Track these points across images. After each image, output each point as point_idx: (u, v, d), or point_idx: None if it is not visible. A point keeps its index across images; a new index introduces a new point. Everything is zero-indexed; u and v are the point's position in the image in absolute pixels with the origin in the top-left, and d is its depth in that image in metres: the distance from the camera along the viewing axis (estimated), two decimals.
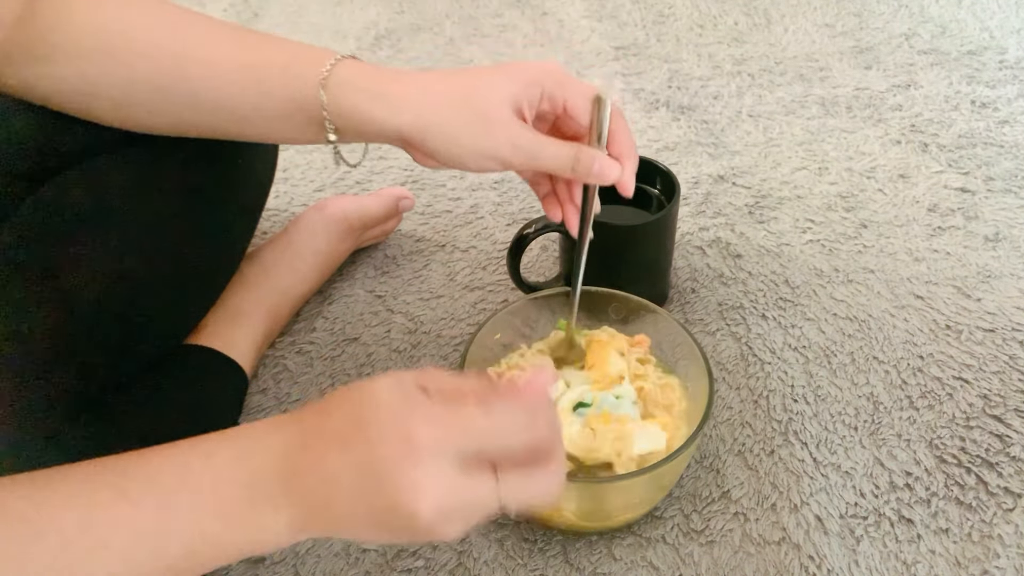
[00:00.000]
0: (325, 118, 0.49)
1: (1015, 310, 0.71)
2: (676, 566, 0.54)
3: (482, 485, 0.36)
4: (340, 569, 0.55)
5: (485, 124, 0.48)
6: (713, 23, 1.19)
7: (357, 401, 0.37)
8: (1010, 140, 0.92)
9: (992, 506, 0.57)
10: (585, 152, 0.49)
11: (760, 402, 0.65)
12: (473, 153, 0.49)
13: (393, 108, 0.48)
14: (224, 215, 0.63)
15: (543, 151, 0.49)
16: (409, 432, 0.35)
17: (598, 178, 0.50)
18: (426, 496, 0.34)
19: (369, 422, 0.36)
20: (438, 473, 0.34)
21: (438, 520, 0.35)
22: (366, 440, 0.35)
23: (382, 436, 0.35)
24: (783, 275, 0.76)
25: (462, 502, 0.35)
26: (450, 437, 0.35)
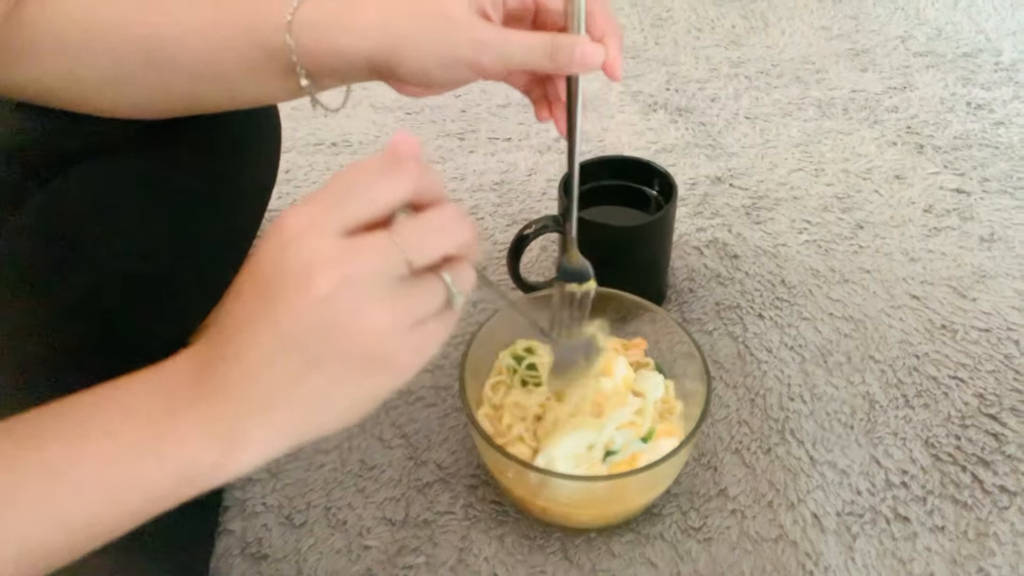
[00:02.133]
0: (294, 63, 0.48)
1: (1010, 310, 0.72)
2: (674, 563, 0.55)
3: (373, 243, 0.32)
4: (342, 566, 0.55)
5: (443, 27, 0.45)
6: (711, 26, 1.20)
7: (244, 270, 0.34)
8: (1005, 141, 0.93)
9: (988, 504, 0.58)
10: (562, 38, 0.45)
11: (757, 401, 0.65)
12: (437, 61, 0.46)
13: (357, 36, 0.47)
14: (227, 216, 0.63)
15: (511, 44, 0.45)
16: (285, 226, 0.32)
17: (581, 65, 0.45)
18: (314, 268, 0.31)
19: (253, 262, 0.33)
20: (319, 243, 0.31)
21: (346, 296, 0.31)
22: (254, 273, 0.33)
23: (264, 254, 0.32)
24: (780, 275, 0.76)
25: (360, 264, 0.32)
26: (321, 210, 0.32)
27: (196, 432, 0.32)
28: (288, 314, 0.31)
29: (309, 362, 0.32)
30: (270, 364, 0.32)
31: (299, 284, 0.31)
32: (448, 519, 0.58)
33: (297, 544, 0.57)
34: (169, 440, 0.32)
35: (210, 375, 0.33)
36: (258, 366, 0.32)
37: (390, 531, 0.57)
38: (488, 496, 0.59)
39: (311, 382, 0.32)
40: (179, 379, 0.34)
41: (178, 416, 0.33)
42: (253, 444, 0.33)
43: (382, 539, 0.57)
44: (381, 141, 0.97)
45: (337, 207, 0.32)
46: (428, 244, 0.34)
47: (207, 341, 0.34)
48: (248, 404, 0.33)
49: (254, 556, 0.56)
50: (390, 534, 0.57)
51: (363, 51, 0.47)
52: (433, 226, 0.34)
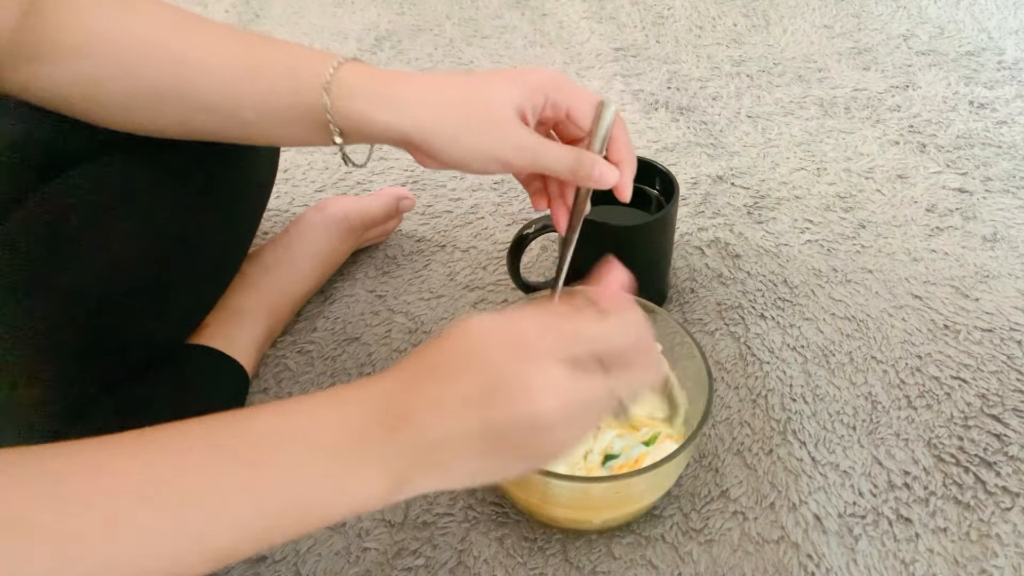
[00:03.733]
0: (329, 121, 0.49)
1: (1013, 310, 0.72)
2: (675, 565, 0.55)
3: (596, 381, 0.37)
4: (341, 568, 0.55)
5: (489, 126, 0.49)
6: (712, 24, 1.19)
7: (455, 335, 0.37)
8: (1008, 140, 0.93)
9: (990, 505, 0.57)
10: (586, 156, 0.50)
11: (759, 401, 0.65)
12: (476, 154, 0.49)
13: (397, 111, 0.49)
14: (226, 215, 0.63)
15: (545, 154, 0.50)
16: (523, 339, 0.36)
17: (597, 182, 0.51)
18: (548, 394, 0.35)
19: (476, 344, 0.36)
20: (557, 373, 0.35)
21: (561, 420, 0.35)
22: (478, 359, 0.36)
23: (494, 347, 0.36)
24: (782, 275, 0.76)
25: (581, 399, 0.36)
26: (563, 340, 0.36)
27: (378, 475, 0.36)
28: (505, 414, 0.35)
29: (499, 451, 0.36)
30: (467, 443, 0.36)
31: (530, 397, 0.35)
32: (447, 521, 0.58)
33: (296, 545, 0.56)
34: (352, 478, 0.35)
35: (405, 427, 0.36)
36: (456, 441, 0.36)
37: (389, 533, 0.57)
38: (487, 498, 0.59)
39: (490, 462, 0.37)
40: (370, 418, 0.36)
41: (366, 459, 0.36)
42: (416, 488, 0.37)
43: (381, 541, 0.57)
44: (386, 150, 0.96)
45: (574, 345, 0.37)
46: (633, 389, 0.39)
47: (400, 386, 0.37)
48: (431, 464, 0.36)
49: (252, 558, 0.56)
50: (389, 536, 0.57)
51: (400, 127, 0.49)
52: (642, 376, 0.39)
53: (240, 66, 0.50)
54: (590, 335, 0.38)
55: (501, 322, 0.37)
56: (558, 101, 0.51)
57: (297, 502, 0.35)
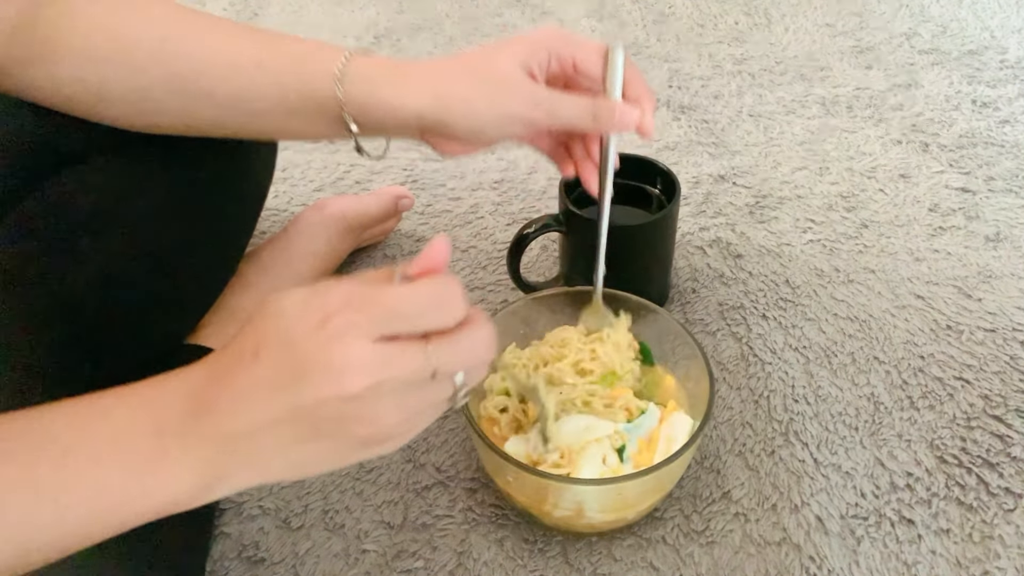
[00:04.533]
0: (344, 112, 0.49)
1: (1016, 310, 0.71)
2: (676, 567, 0.54)
3: (409, 353, 0.34)
4: (339, 570, 0.55)
5: (500, 87, 0.49)
6: (713, 23, 1.19)
7: (263, 316, 0.35)
8: (1011, 140, 0.92)
9: (993, 506, 0.57)
10: (604, 101, 0.50)
11: (761, 402, 0.65)
12: (493, 119, 0.49)
13: (410, 93, 0.49)
14: (223, 215, 0.63)
15: (562, 104, 0.49)
16: (325, 314, 0.33)
17: (620, 125, 0.50)
18: (352, 372, 0.32)
19: (276, 325, 0.34)
20: (361, 347, 0.33)
21: (374, 398, 0.33)
22: (277, 340, 0.33)
23: (295, 325, 0.33)
24: (784, 275, 0.76)
25: (393, 375, 0.33)
26: (370, 315, 0.34)
27: (182, 469, 0.34)
28: (312, 398, 0.33)
29: (313, 437, 0.34)
30: (276, 431, 0.34)
31: (331, 378, 0.33)
32: (447, 522, 0.57)
33: (294, 547, 0.56)
34: (156, 475, 0.34)
35: (207, 417, 0.34)
36: (263, 429, 0.34)
37: (388, 534, 0.57)
38: (487, 499, 0.58)
39: (308, 450, 0.34)
40: (171, 409, 0.35)
41: (166, 452, 0.34)
42: (229, 485, 0.35)
43: (380, 543, 0.56)
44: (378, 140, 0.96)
45: (382, 320, 0.34)
46: (455, 360, 0.36)
47: (206, 376, 0.35)
48: (236, 456, 0.34)
49: (251, 560, 0.55)
50: (388, 537, 0.57)
51: (416, 107, 0.49)
52: (464, 347, 0.36)
53: (249, 60, 0.49)
54: (398, 307, 0.34)
55: (305, 298, 0.34)
56: (563, 54, 0.50)
57: (96, 503, 0.33)
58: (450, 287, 0.36)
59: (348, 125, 0.50)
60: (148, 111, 0.51)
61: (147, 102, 0.51)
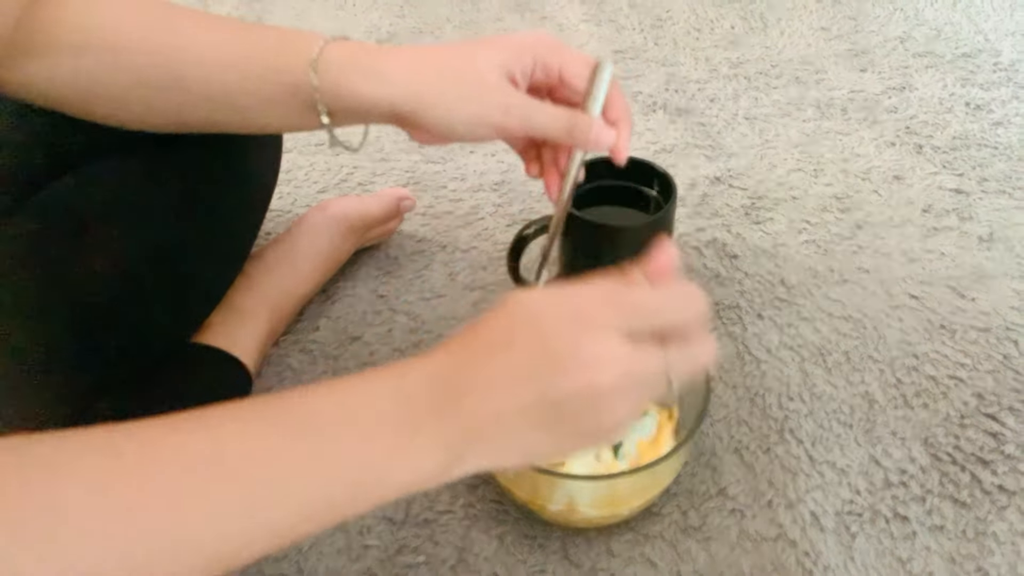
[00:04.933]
0: (317, 100, 0.49)
1: (1009, 310, 0.72)
2: (674, 562, 0.55)
3: (652, 355, 0.36)
4: (342, 565, 0.55)
5: (476, 89, 0.48)
6: (710, 27, 1.20)
7: (508, 308, 0.37)
8: (1004, 142, 0.93)
9: (987, 504, 0.58)
10: (582, 117, 0.49)
11: (756, 400, 0.65)
12: (465, 120, 0.48)
13: (384, 83, 0.48)
14: (228, 216, 0.63)
15: (537, 114, 0.48)
16: (579, 309, 0.35)
17: (595, 144, 0.49)
18: (605, 365, 0.34)
19: (529, 316, 0.36)
20: (615, 344, 0.35)
21: (618, 392, 0.35)
22: (531, 330, 0.35)
23: (548, 319, 0.35)
24: (779, 275, 0.77)
25: (638, 371, 0.35)
26: (621, 311, 0.36)
27: (429, 451, 0.35)
28: (565, 388, 0.34)
29: (551, 426, 0.35)
30: (524, 417, 0.35)
31: (586, 368, 0.34)
32: (448, 518, 0.58)
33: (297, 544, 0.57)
34: (407, 453, 0.35)
35: (460, 400, 0.35)
36: (513, 415, 0.35)
37: (390, 530, 0.57)
38: (488, 495, 0.59)
39: (542, 438, 0.35)
40: (421, 392, 0.35)
41: (421, 432, 0.35)
42: (469, 466, 0.36)
43: (382, 538, 0.57)
44: (381, 141, 0.97)
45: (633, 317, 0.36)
46: (687, 367, 0.37)
47: (453, 363, 0.36)
48: (485, 439, 0.35)
49: None
50: (390, 533, 0.57)
51: (387, 98, 0.48)
52: (696, 352, 0.38)
53: (231, 52, 0.50)
54: (649, 307, 0.37)
55: (555, 295, 0.36)
56: (549, 62, 0.50)
57: (355, 477, 0.34)
58: (695, 290, 0.38)
59: (320, 115, 0.49)
60: (137, 108, 0.52)
61: (135, 98, 0.51)
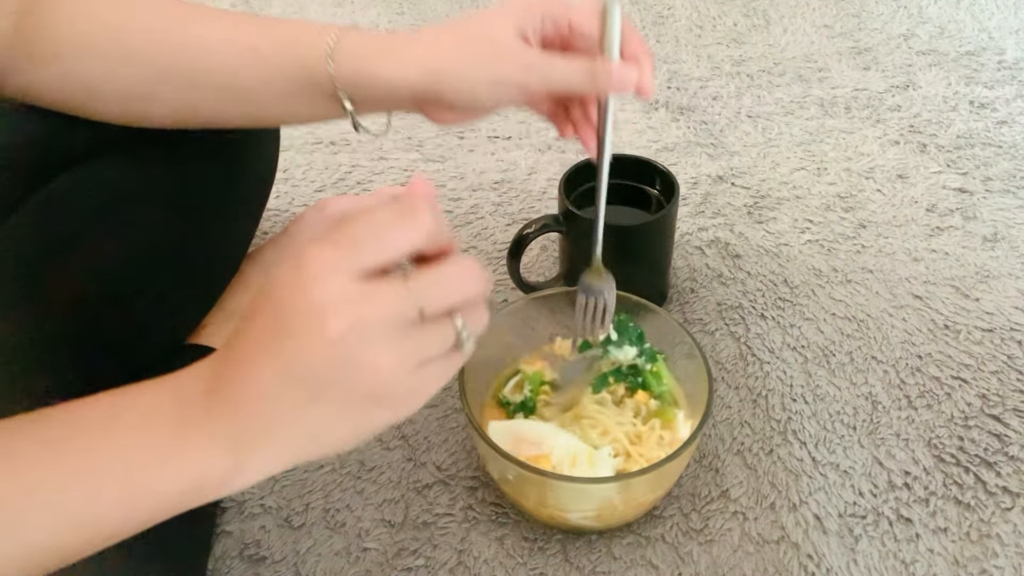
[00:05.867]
0: (337, 88, 0.49)
1: (1013, 310, 0.72)
2: (675, 565, 0.55)
3: (387, 289, 0.33)
4: (341, 568, 0.55)
5: (492, 51, 0.48)
6: (712, 24, 1.19)
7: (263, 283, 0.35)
8: (1008, 140, 0.93)
9: (990, 505, 0.57)
10: (601, 63, 0.48)
11: (759, 401, 0.65)
12: (487, 86, 0.48)
13: (401, 67, 0.48)
14: (225, 215, 0.63)
15: (556, 68, 0.48)
16: (303, 261, 0.32)
17: (618, 86, 0.48)
18: (330, 312, 0.31)
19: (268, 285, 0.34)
20: (336, 284, 0.32)
21: (356, 338, 0.32)
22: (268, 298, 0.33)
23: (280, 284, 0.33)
24: (782, 275, 0.76)
25: (373, 310, 0.32)
26: (343, 249, 0.32)
27: (205, 445, 0.33)
28: (298, 350, 0.32)
29: (313, 396, 0.33)
30: (275, 394, 0.33)
31: (312, 323, 0.32)
32: (447, 521, 0.57)
33: (295, 546, 0.56)
34: (181, 451, 0.33)
35: (220, 393, 0.34)
36: (263, 394, 0.33)
37: (389, 533, 0.57)
38: (488, 498, 0.59)
39: (313, 413, 0.33)
40: (193, 391, 0.34)
41: (190, 428, 0.33)
42: (255, 463, 0.34)
43: (381, 541, 0.56)
44: (380, 140, 0.96)
45: (353, 252, 0.33)
46: (442, 294, 0.34)
47: (221, 356, 0.35)
48: (252, 427, 0.33)
49: (252, 558, 0.56)
50: (389, 536, 0.57)
51: (407, 79, 0.48)
52: (447, 277, 0.34)
53: (242, 43, 0.49)
54: (373, 234, 0.33)
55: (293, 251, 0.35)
56: (556, 16, 0.49)
57: (126, 486, 0.33)
58: (414, 202, 0.34)
59: (343, 103, 0.49)
60: (141, 103, 0.51)
61: (140, 94, 0.51)
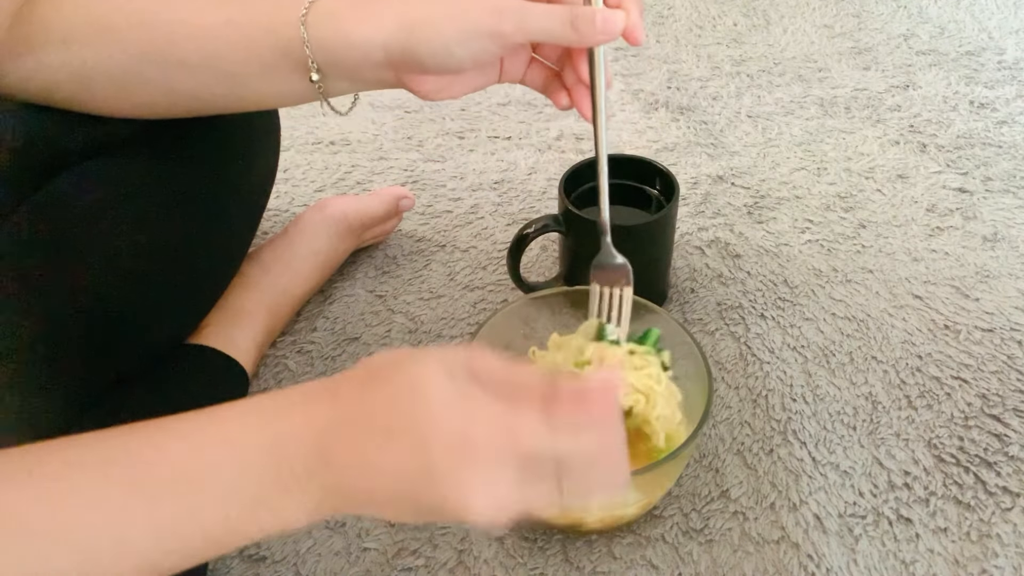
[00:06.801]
0: (308, 57, 0.48)
1: (1013, 310, 0.72)
2: (675, 565, 0.55)
3: (542, 493, 0.34)
4: (340, 568, 0.55)
5: (463, 2, 0.46)
6: (712, 24, 1.19)
7: (404, 386, 0.34)
8: (1008, 140, 0.93)
9: (991, 505, 0.57)
10: (582, 8, 0.45)
11: (759, 401, 0.65)
12: (458, 36, 0.45)
13: (373, 24, 0.47)
14: (225, 215, 0.63)
15: (532, 10, 0.45)
16: (467, 433, 0.33)
17: (603, 33, 0.45)
18: (482, 501, 0.33)
19: (420, 415, 0.33)
20: (498, 480, 0.33)
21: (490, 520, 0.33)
22: (417, 435, 0.33)
23: (436, 433, 0.33)
24: (782, 275, 0.76)
25: (511, 511, 0.34)
26: (511, 444, 0.33)
27: (298, 507, 0.34)
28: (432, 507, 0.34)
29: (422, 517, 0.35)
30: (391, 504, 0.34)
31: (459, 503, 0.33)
32: None
33: (295, 546, 0.56)
34: (273, 513, 0.34)
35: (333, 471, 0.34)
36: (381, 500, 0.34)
37: (389, 533, 0.57)
38: None
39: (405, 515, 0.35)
40: (297, 451, 0.34)
41: (289, 495, 0.34)
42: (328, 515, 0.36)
43: (381, 541, 0.56)
44: (380, 140, 0.96)
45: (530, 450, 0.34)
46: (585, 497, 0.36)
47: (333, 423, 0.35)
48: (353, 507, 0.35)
49: (252, 558, 0.56)
50: (389, 536, 0.57)
51: (378, 39, 0.47)
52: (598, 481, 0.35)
53: (220, 19, 0.49)
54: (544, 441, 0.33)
55: (456, 394, 0.34)
56: None
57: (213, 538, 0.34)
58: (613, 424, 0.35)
59: (311, 72, 0.48)
60: (129, 91, 0.51)
61: (127, 81, 0.50)
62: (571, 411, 0.34)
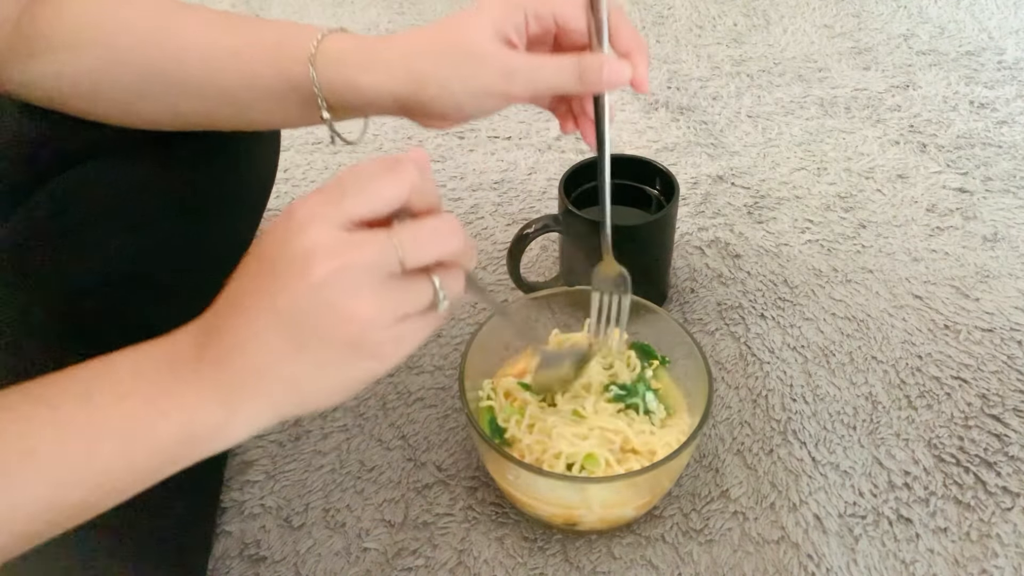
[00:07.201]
0: (317, 95, 0.48)
1: (1013, 310, 0.72)
2: (675, 565, 0.55)
3: (370, 238, 0.34)
4: (340, 568, 0.55)
5: (472, 61, 0.46)
6: (712, 24, 1.19)
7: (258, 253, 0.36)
8: (1008, 140, 0.93)
9: (991, 505, 0.57)
10: (588, 59, 0.46)
11: (759, 401, 0.65)
12: (470, 96, 0.47)
13: (382, 74, 0.47)
14: (226, 215, 0.63)
15: (541, 70, 0.46)
16: (290, 215, 0.34)
17: (609, 83, 0.46)
18: (313, 255, 0.33)
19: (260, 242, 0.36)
20: (322, 233, 0.33)
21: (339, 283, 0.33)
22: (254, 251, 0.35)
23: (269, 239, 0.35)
24: (782, 275, 0.76)
25: (355, 256, 0.33)
26: (329, 201, 0.34)
27: (196, 394, 0.35)
28: (283, 295, 0.34)
29: (296, 342, 0.34)
30: (262, 340, 0.34)
31: (297, 268, 0.33)
32: (447, 521, 0.57)
33: (295, 546, 0.56)
34: (174, 400, 0.35)
35: (210, 343, 0.35)
36: (251, 341, 0.34)
37: (389, 533, 0.57)
38: (488, 498, 0.59)
39: (297, 362, 0.35)
40: (184, 346, 0.36)
41: (181, 379, 0.35)
42: (244, 414, 0.35)
43: (381, 541, 0.56)
44: (380, 139, 0.96)
45: (339, 202, 0.34)
46: (422, 247, 0.35)
47: (213, 311, 0.37)
48: (239, 375, 0.35)
49: (252, 558, 0.56)
50: (389, 536, 0.57)
51: (387, 88, 0.48)
52: (429, 231, 0.36)
53: (227, 46, 0.49)
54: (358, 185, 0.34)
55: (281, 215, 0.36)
56: (540, 12, 0.47)
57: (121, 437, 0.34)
58: (397, 158, 0.36)
59: (320, 110, 0.49)
60: (135, 105, 0.51)
61: (132, 96, 0.51)
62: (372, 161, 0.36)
